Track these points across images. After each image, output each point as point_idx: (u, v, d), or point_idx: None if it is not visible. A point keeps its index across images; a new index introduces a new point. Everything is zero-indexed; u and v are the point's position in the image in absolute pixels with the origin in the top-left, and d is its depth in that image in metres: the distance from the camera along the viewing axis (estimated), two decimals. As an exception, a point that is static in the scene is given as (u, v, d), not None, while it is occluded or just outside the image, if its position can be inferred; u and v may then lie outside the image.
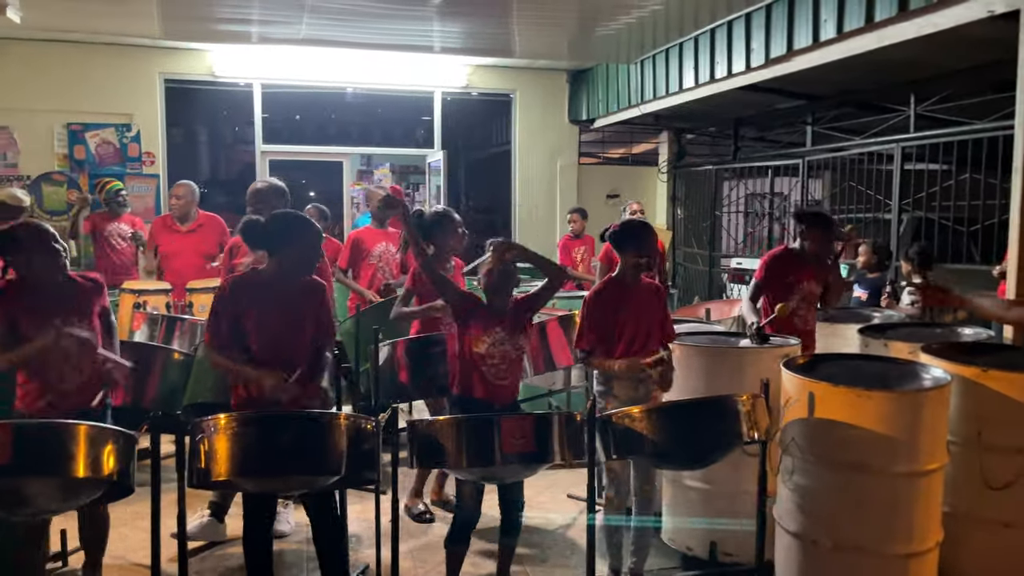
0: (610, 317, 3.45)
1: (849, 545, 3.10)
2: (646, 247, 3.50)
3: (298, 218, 3.21)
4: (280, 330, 3.03)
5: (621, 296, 3.48)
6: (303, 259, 3.09)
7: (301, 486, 2.73)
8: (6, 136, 8.18)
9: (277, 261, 3.06)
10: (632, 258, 3.47)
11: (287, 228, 3.10)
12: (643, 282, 3.58)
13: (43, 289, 3.03)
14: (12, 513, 2.46)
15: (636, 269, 3.49)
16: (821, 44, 5.51)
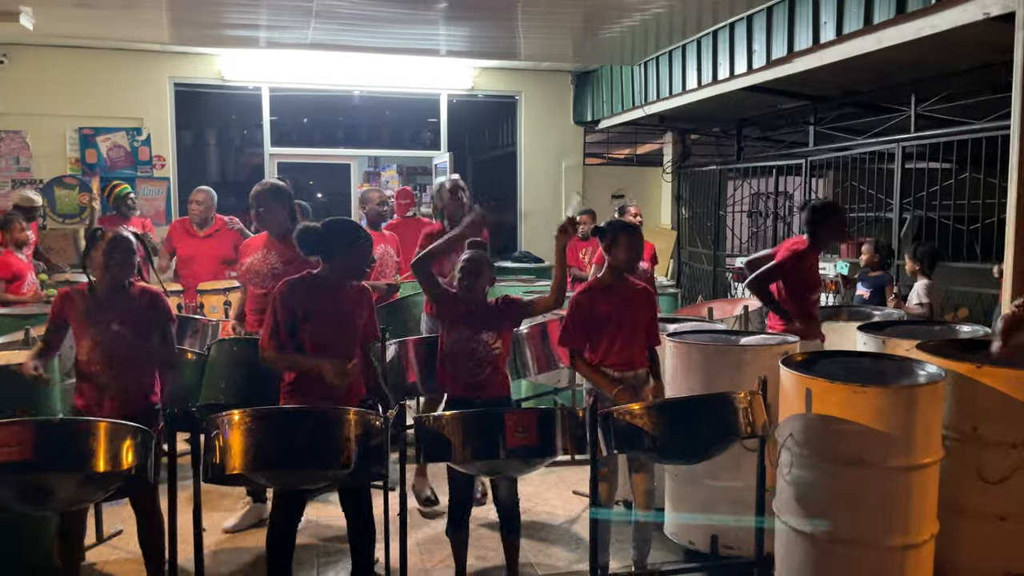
0: (593, 317, 3.51)
1: (846, 538, 3.17)
2: (631, 249, 3.53)
3: (351, 225, 3.32)
4: (332, 333, 3.17)
5: (607, 296, 3.53)
6: (355, 265, 3.23)
7: (311, 480, 2.82)
8: (19, 140, 8.32)
9: (330, 266, 3.20)
10: (617, 258, 3.53)
11: (341, 235, 3.22)
12: (631, 284, 3.62)
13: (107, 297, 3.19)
14: (38, 507, 2.56)
15: (617, 269, 3.54)
16: (821, 46, 5.57)
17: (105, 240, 3.18)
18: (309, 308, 3.14)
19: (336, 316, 3.19)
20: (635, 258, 3.57)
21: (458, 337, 3.40)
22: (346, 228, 3.25)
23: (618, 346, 3.50)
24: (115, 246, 3.17)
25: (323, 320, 3.15)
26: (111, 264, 3.15)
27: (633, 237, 3.55)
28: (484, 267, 3.44)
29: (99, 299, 3.20)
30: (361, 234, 3.28)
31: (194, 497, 2.72)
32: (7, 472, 2.34)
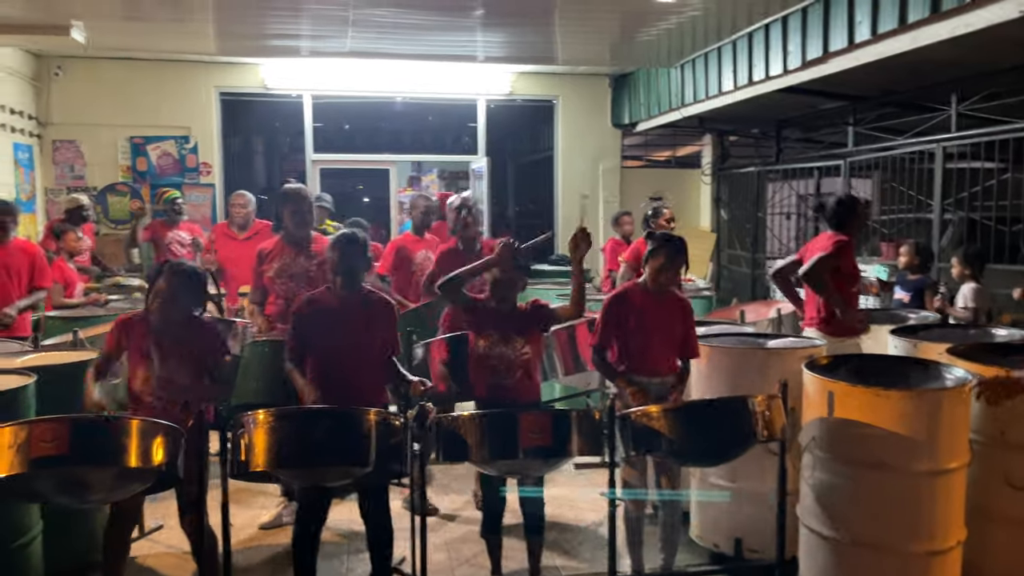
0: (624, 320, 3.52)
1: (869, 543, 3.14)
2: (672, 263, 3.52)
3: (339, 237, 3.42)
4: (338, 345, 3.29)
5: (643, 303, 3.54)
6: (340, 269, 3.32)
7: (333, 478, 2.91)
8: (74, 149, 8.65)
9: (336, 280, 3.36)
10: (656, 268, 3.52)
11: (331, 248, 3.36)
12: (670, 294, 3.61)
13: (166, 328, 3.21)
14: (77, 500, 2.69)
15: (657, 280, 3.53)
16: (856, 46, 5.51)
17: (172, 273, 3.20)
18: (316, 322, 3.30)
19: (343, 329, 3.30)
20: (667, 278, 3.54)
21: (489, 343, 3.45)
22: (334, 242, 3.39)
23: (646, 352, 3.51)
24: (182, 280, 3.19)
25: (328, 334, 3.29)
26: (178, 298, 3.17)
27: (672, 256, 3.51)
28: (518, 280, 3.50)
29: (158, 330, 3.20)
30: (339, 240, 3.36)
31: (222, 494, 2.82)
32: (44, 466, 2.47)
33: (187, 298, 3.21)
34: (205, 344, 3.29)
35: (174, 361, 3.17)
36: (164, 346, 3.18)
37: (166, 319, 3.19)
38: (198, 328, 3.31)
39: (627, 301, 3.56)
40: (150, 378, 3.16)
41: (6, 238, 5.13)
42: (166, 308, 3.17)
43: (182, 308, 3.20)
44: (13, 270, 5.10)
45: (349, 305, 3.36)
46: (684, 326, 3.58)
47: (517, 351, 3.45)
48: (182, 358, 3.19)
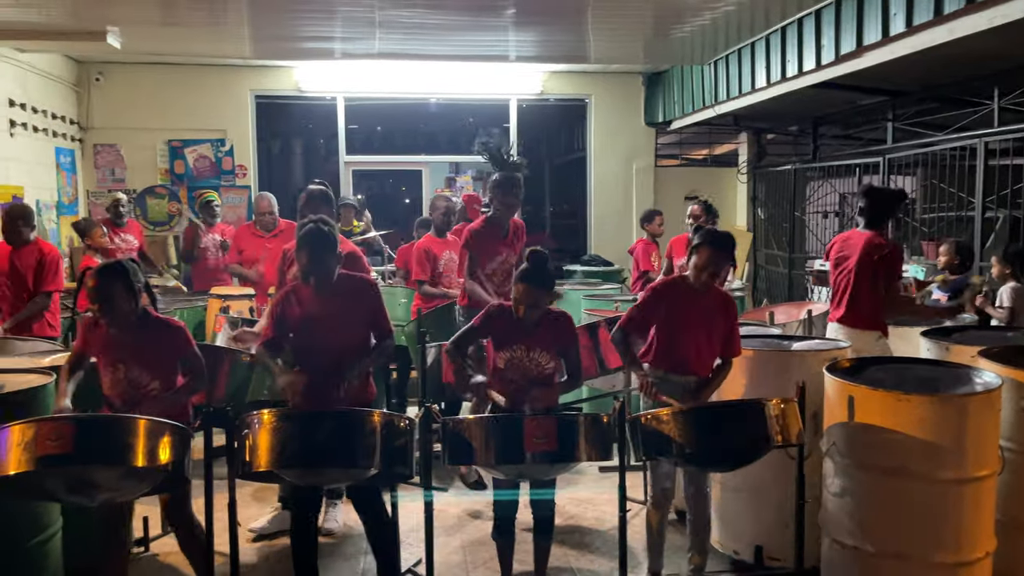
0: (661, 311, 3.42)
1: (894, 552, 3.04)
2: (716, 260, 3.38)
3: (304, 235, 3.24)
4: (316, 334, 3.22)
5: (684, 298, 3.42)
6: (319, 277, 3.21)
7: (337, 479, 2.90)
8: (114, 153, 8.85)
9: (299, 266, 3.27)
10: (699, 266, 3.39)
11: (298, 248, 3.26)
12: (713, 290, 3.48)
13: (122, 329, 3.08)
14: (85, 499, 2.72)
15: (699, 277, 3.40)
16: (891, 39, 5.34)
17: (92, 276, 3.04)
18: (299, 313, 3.22)
19: (322, 320, 3.20)
20: (709, 275, 3.40)
21: (511, 355, 3.31)
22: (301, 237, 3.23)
23: (676, 347, 3.41)
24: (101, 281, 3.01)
25: (307, 326, 3.22)
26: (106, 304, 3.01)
27: (716, 252, 3.38)
28: (545, 297, 3.32)
29: (114, 333, 3.09)
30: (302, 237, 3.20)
31: (229, 492, 2.84)
32: (51, 465, 2.51)
33: (117, 296, 3.02)
34: (163, 341, 3.14)
35: (135, 362, 3.07)
36: (124, 348, 3.08)
37: (112, 322, 3.06)
38: (154, 326, 3.17)
39: (667, 294, 3.45)
40: (118, 382, 3.08)
41: (19, 241, 5.17)
42: (103, 310, 3.04)
43: (118, 305, 3.04)
44: (26, 273, 5.13)
45: (328, 296, 3.24)
46: (726, 323, 3.43)
47: (540, 365, 3.31)
48: (143, 358, 3.08)
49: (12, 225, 5.19)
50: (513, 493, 3.37)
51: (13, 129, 7.12)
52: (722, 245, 3.41)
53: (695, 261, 3.40)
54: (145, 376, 3.07)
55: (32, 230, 5.30)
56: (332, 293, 3.23)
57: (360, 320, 3.28)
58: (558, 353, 3.32)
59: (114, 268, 3.08)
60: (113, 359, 3.09)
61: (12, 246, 5.19)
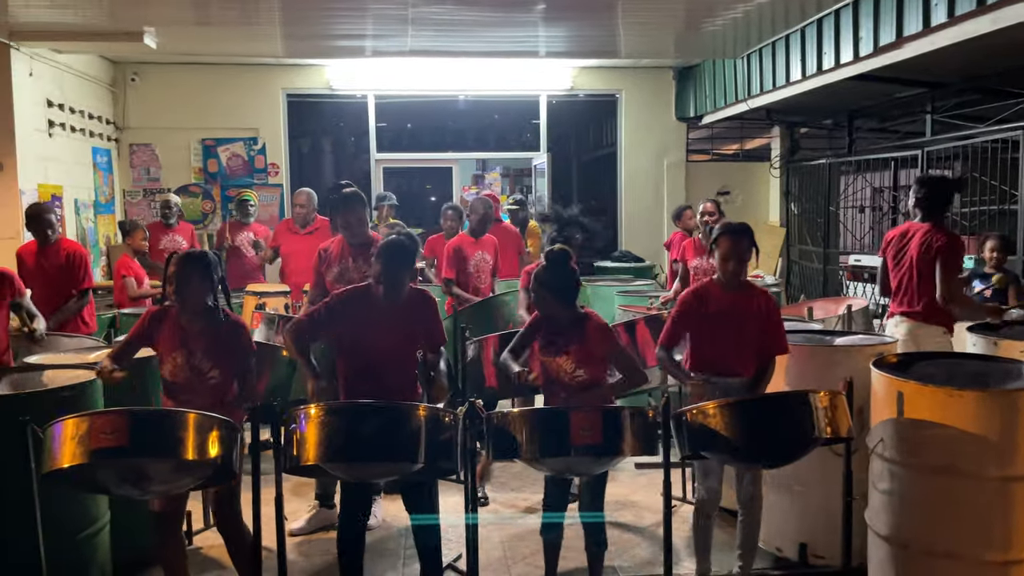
0: (697, 317, 3.40)
1: (941, 550, 2.99)
2: (735, 247, 3.35)
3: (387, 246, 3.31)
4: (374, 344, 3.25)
5: (718, 301, 3.39)
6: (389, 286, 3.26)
7: (383, 473, 2.91)
8: (149, 153, 8.96)
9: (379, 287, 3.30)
10: (722, 256, 3.37)
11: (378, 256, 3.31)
12: (748, 288, 3.46)
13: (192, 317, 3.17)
14: (137, 492, 2.76)
15: (725, 268, 3.37)
16: (932, 29, 5.25)
17: (180, 261, 3.15)
18: (354, 318, 3.26)
19: (378, 328, 3.25)
20: (734, 265, 3.36)
21: (543, 362, 3.30)
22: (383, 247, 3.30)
23: (716, 350, 3.38)
24: (183, 267, 3.12)
25: (361, 331, 3.25)
26: (185, 292, 3.11)
27: (734, 239, 3.36)
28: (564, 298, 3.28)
29: (183, 324, 3.17)
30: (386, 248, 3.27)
31: (276, 486, 2.86)
32: (105, 457, 2.54)
33: (197, 285, 3.12)
34: (228, 334, 3.20)
35: (199, 349, 3.15)
36: (190, 336, 3.16)
37: (185, 307, 3.16)
38: (222, 319, 3.23)
39: (697, 301, 3.41)
40: (178, 369, 3.14)
41: (47, 240, 5.18)
42: (180, 293, 3.13)
43: (194, 295, 3.14)
44: (55, 272, 5.15)
45: (390, 304, 3.29)
46: (767, 320, 3.38)
47: (568, 372, 3.25)
48: (207, 347, 3.16)
49: (46, 222, 5.20)
50: (559, 515, 3.36)
51: (52, 129, 7.24)
52: (738, 231, 3.41)
53: (718, 253, 3.39)
54: (206, 364, 3.14)
55: (51, 227, 5.27)
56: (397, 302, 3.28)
57: (415, 331, 3.34)
58: (607, 359, 3.28)
59: (197, 257, 3.21)
60: (177, 345, 3.15)
61: (42, 244, 5.22)
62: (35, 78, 6.98)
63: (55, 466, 2.56)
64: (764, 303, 3.44)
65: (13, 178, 6.57)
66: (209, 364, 3.17)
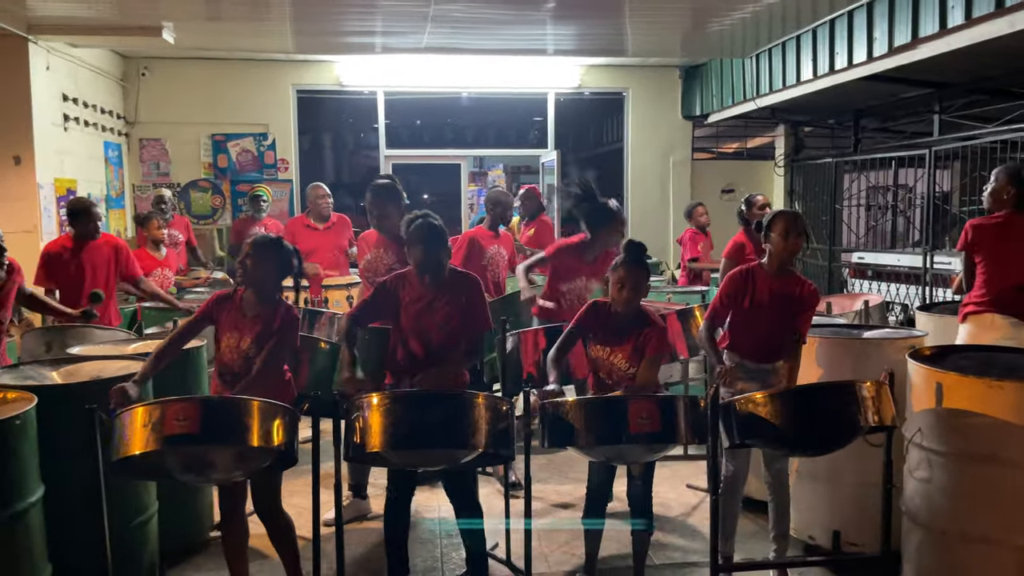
0: (743, 301, 3.45)
1: (979, 536, 3.08)
2: (795, 227, 3.39)
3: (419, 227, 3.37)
4: (417, 323, 3.31)
5: (763, 284, 3.44)
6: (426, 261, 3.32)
7: (445, 460, 2.97)
8: (159, 147, 8.96)
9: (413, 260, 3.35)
10: (781, 234, 3.39)
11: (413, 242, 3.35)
12: (794, 277, 3.49)
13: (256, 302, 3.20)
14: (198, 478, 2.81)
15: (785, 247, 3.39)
16: (948, 31, 5.36)
17: (255, 244, 3.19)
18: (405, 301, 3.33)
19: (422, 308, 3.31)
20: (793, 243, 3.40)
21: (597, 355, 3.34)
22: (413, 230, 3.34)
23: (755, 333, 3.44)
24: (264, 254, 3.17)
25: (410, 312, 3.32)
26: (257, 276, 3.15)
27: (792, 221, 3.42)
28: (644, 279, 3.33)
29: (242, 308, 3.21)
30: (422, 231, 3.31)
31: (335, 476, 2.92)
32: (176, 444, 2.59)
33: (271, 265, 3.17)
34: (283, 326, 3.21)
35: (253, 337, 3.16)
36: (245, 323, 3.18)
37: (254, 290, 3.18)
38: (283, 312, 3.24)
39: (746, 281, 3.46)
40: (231, 350, 3.18)
41: (88, 234, 5.14)
42: (251, 275, 3.16)
43: (266, 280, 3.18)
44: (99, 265, 5.14)
45: (435, 288, 3.35)
46: (804, 310, 3.45)
47: (621, 370, 3.30)
48: (257, 338, 3.17)
49: (89, 216, 5.13)
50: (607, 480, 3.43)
51: (67, 123, 7.23)
52: (795, 214, 3.51)
53: (776, 231, 3.43)
54: (254, 350, 3.16)
55: (100, 221, 5.31)
56: (440, 286, 3.34)
57: (461, 313, 3.37)
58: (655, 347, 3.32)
59: (275, 243, 3.24)
60: (232, 328, 3.18)
61: (80, 240, 5.16)
62: (51, 72, 6.97)
63: (127, 453, 2.60)
64: (808, 292, 3.48)
65: (31, 171, 6.57)
66: (256, 351, 3.19)
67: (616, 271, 3.29)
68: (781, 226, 3.42)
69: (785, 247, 3.42)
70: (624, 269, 3.28)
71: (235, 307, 3.23)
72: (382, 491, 4.55)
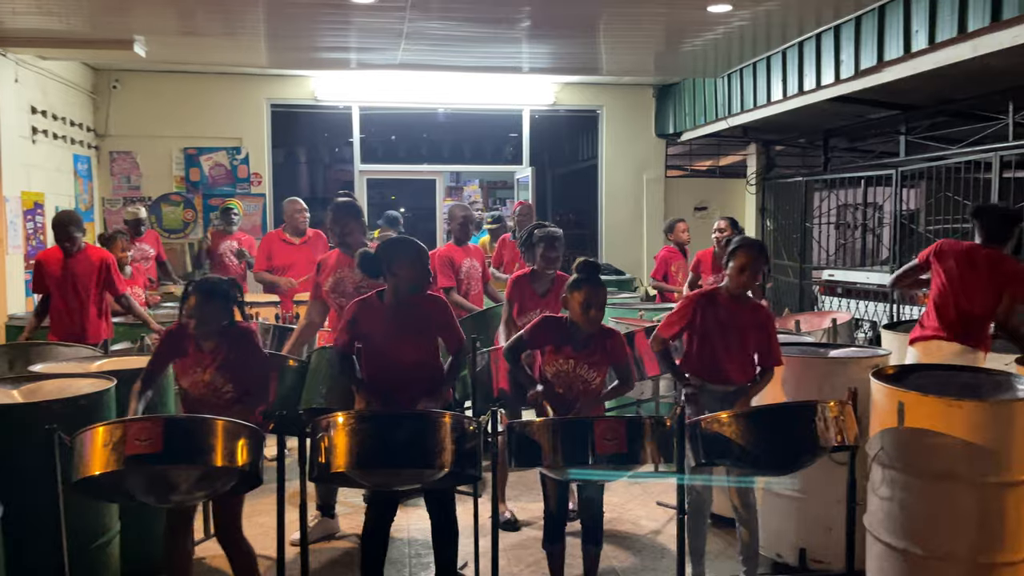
0: (700, 323, 3.51)
1: (940, 554, 3.12)
2: (755, 261, 3.48)
3: (403, 242, 3.44)
4: (394, 347, 3.32)
5: (724, 307, 3.51)
6: (413, 278, 3.34)
7: (411, 480, 2.96)
8: (130, 161, 8.87)
9: (394, 282, 3.35)
10: (738, 267, 3.48)
11: (395, 252, 3.37)
12: (748, 301, 3.58)
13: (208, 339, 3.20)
14: (159, 499, 2.78)
15: (740, 278, 3.48)
16: (913, 55, 5.48)
17: (198, 290, 3.18)
18: (371, 326, 3.33)
19: (399, 333, 3.32)
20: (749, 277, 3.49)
21: (558, 369, 3.36)
22: (398, 245, 3.40)
23: (715, 356, 3.49)
24: (206, 299, 3.16)
25: (381, 338, 3.33)
26: (204, 319, 3.15)
27: (755, 255, 3.50)
28: (605, 296, 3.37)
29: (198, 342, 3.21)
30: (414, 248, 3.38)
31: (300, 495, 2.89)
32: (138, 464, 2.56)
33: (216, 312, 3.18)
34: (240, 348, 3.24)
35: (215, 368, 3.18)
36: (207, 355, 3.19)
37: (200, 332, 3.19)
38: (235, 335, 3.26)
39: (705, 304, 3.53)
40: (197, 384, 3.18)
41: (74, 248, 5.17)
42: (199, 323, 3.17)
43: (212, 321, 3.18)
44: (81, 280, 5.16)
45: (401, 308, 3.37)
46: (763, 332, 3.52)
47: (587, 381, 3.35)
48: (223, 364, 3.19)
49: (65, 232, 5.16)
50: (563, 501, 3.45)
51: (35, 136, 7.15)
52: (758, 247, 3.59)
53: (734, 264, 3.51)
54: (219, 380, 3.15)
55: (83, 235, 5.32)
56: (407, 306, 3.34)
57: (433, 333, 3.40)
58: (611, 368, 3.39)
59: (214, 286, 3.23)
60: (193, 363, 3.17)
61: (66, 253, 5.18)
62: (20, 84, 6.89)
63: (87, 473, 2.56)
64: (763, 315, 3.60)
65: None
66: (223, 380, 3.19)
67: (578, 291, 3.30)
68: (740, 261, 3.49)
69: (739, 280, 3.51)
70: (588, 289, 3.29)
71: (189, 340, 3.21)
72: (351, 509, 4.58)
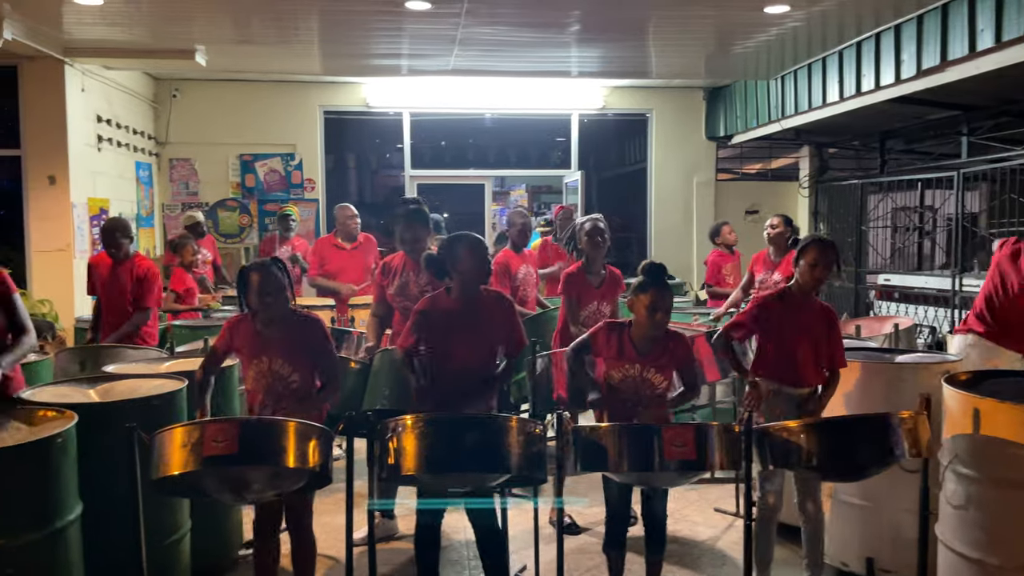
0: (772, 325, 3.46)
1: (1016, 565, 3.03)
2: (825, 257, 3.42)
3: (461, 237, 3.48)
4: (462, 345, 3.35)
5: (793, 309, 3.46)
6: (476, 270, 3.38)
7: (479, 482, 2.97)
8: (189, 167, 9.09)
9: (460, 279, 3.38)
10: (810, 263, 3.43)
11: (454, 247, 3.41)
12: (815, 301, 3.53)
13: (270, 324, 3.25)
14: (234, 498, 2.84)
15: (812, 275, 3.43)
16: (978, 54, 5.36)
17: (255, 274, 3.20)
18: (438, 325, 3.36)
19: (466, 332, 3.35)
20: (821, 272, 3.43)
21: (624, 374, 3.32)
22: (458, 241, 3.43)
23: (791, 359, 3.44)
24: (265, 274, 3.18)
25: (448, 335, 3.35)
26: (267, 289, 3.16)
27: (823, 250, 3.44)
28: (671, 299, 3.33)
29: (260, 331, 3.23)
30: (473, 241, 3.42)
31: (369, 495, 2.93)
32: (215, 464, 2.62)
33: (277, 283, 3.19)
34: (304, 334, 3.27)
35: (279, 355, 3.22)
36: (270, 342, 3.22)
37: (267, 315, 3.21)
38: (297, 320, 3.31)
39: (775, 306, 3.48)
40: (262, 375, 3.22)
41: (119, 254, 5.21)
42: (262, 298, 3.18)
43: (275, 292, 3.19)
44: (125, 287, 5.19)
45: (469, 305, 3.39)
46: (831, 334, 3.47)
47: (653, 385, 3.31)
48: (286, 351, 3.23)
49: (111, 238, 5.24)
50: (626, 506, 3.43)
51: (100, 144, 7.36)
52: (829, 243, 3.52)
53: (806, 259, 3.45)
54: (287, 368, 3.20)
55: (131, 242, 5.40)
56: (473, 305, 3.37)
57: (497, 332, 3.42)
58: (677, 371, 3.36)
59: (266, 263, 3.26)
60: (258, 352, 3.22)
61: (113, 259, 5.25)
62: (86, 93, 7.11)
63: (166, 472, 2.62)
64: (832, 316, 3.54)
65: (65, 191, 6.70)
66: (289, 369, 3.25)
67: (644, 294, 3.28)
68: (811, 257, 3.44)
69: (812, 276, 3.45)
70: (654, 291, 3.27)
71: (253, 331, 3.27)
72: (409, 512, 4.61)
